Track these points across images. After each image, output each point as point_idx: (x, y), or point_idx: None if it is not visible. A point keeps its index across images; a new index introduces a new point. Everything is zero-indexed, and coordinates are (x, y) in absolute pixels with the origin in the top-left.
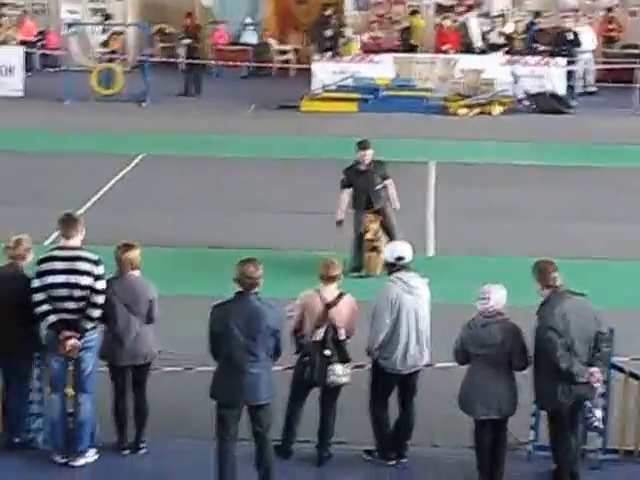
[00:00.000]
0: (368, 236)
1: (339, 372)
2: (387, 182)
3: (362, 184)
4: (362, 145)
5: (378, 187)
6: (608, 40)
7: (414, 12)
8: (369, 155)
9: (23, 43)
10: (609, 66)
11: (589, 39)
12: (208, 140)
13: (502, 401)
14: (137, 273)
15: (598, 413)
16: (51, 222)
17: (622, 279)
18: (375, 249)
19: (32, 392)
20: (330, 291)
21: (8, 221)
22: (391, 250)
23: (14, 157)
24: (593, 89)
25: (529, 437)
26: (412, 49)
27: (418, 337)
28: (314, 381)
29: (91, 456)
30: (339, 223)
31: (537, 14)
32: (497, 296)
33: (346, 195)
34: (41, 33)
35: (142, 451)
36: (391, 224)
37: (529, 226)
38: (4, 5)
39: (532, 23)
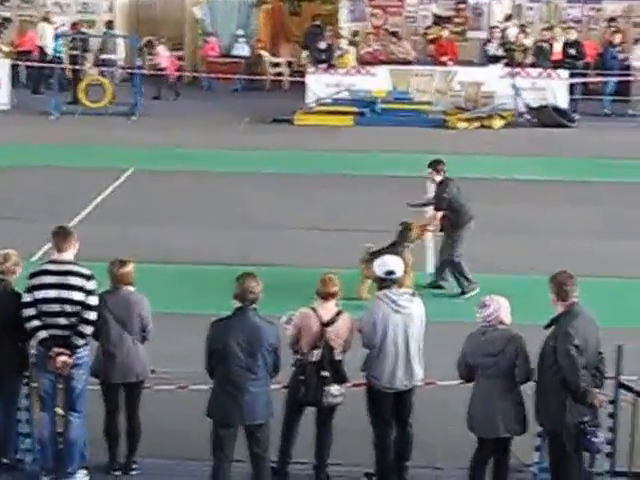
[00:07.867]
0: None
1: (335, 392)
2: None
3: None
4: None
5: None
6: None
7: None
8: None
9: (23, 54)
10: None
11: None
12: (200, 154)
13: (507, 418)
14: (131, 288)
15: (601, 435)
16: (39, 238)
17: (624, 295)
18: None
19: (20, 411)
20: (327, 309)
21: None
22: (381, 264)
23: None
24: None
25: (533, 459)
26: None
27: (407, 356)
28: (309, 401)
29: (81, 477)
30: None
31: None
32: (497, 305)
33: None
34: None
35: (134, 472)
36: None
37: (532, 242)
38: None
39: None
